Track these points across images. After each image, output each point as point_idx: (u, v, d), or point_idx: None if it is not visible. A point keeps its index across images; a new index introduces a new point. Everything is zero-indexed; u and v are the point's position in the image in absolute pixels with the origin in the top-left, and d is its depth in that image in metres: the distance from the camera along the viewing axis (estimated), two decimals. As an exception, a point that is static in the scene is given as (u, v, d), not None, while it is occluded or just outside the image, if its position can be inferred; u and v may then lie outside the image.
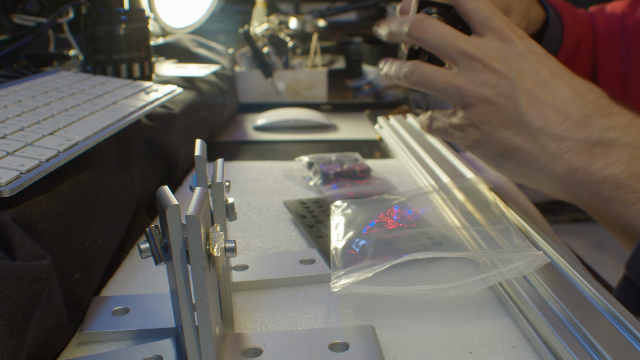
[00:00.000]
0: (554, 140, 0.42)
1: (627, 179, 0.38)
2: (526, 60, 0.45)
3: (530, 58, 0.45)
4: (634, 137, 0.39)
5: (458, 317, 0.39)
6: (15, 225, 0.33)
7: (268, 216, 0.57)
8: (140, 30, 0.71)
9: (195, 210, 0.27)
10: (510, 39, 0.46)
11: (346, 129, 0.93)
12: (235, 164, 0.73)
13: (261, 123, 0.91)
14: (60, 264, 0.35)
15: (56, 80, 0.60)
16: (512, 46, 0.45)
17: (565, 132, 0.41)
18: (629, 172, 0.38)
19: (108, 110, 0.51)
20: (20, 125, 0.44)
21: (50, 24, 0.72)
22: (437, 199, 0.54)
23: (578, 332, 0.33)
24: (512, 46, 0.45)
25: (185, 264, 0.28)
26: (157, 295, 0.41)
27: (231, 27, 1.26)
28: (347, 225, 0.49)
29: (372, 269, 0.39)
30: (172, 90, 0.62)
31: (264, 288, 0.43)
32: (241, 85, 1.02)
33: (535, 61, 0.45)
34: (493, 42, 0.46)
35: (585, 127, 0.40)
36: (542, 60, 0.45)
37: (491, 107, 0.45)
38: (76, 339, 0.37)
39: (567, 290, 0.37)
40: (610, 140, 0.39)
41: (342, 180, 0.63)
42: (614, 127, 0.40)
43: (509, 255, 0.39)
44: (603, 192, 0.39)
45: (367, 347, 0.34)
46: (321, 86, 1.04)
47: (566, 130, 0.41)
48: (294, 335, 0.35)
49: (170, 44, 0.94)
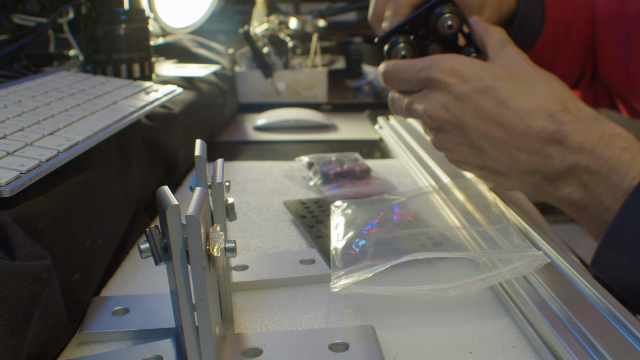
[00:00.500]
0: (528, 174, 0.45)
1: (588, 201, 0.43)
2: (465, 101, 0.45)
3: (468, 97, 0.45)
4: (588, 160, 0.42)
5: (458, 317, 0.39)
6: (15, 225, 0.33)
7: (268, 216, 0.57)
8: (140, 30, 0.71)
9: (195, 210, 0.27)
10: (441, 81, 0.46)
11: (346, 129, 0.93)
12: (235, 164, 0.73)
13: (261, 123, 0.91)
14: (60, 264, 0.35)
15: (56, 80, 0.60)
16: (446, 90, 0.46)
17: (533, 165, 0.44)
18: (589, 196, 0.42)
19: (108, 110, 0.51)
20: (20, 125, 0.44)
21: (50, 24, 0.72)
22: (437, 199, 0.54)
23: (578, 332, 0.33)
24: (446, 90, 0.46)
25: (185, 264, 0.28)
26: (157, 295, 0.41)
27: (231, 27, 1.26)
28: (347, 226, 0.49)
29: (372, 269, 0.39)
30: (172, 90, 0.63)
31: (264, 288, 0.43)
32: (241, 85, 1.02)
33: (475, 98, 0.45)
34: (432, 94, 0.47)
35: (549, 157, 0.43)
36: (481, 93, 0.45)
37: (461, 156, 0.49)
38: (76, 339, 0.37)
39: (567, 290, 0.37)
40: (569, 167, 0.42)
41: (342, 180, 0.63)
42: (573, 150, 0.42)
43: (509, 255, 0.39)
44: (572, 213, 0.45)
45: (367, 347, 0.34)
46: (321, 86, 1.04)
47: (533, 163, 0.44)
48: (294, 335, 0.35)
49: (170, 44, 0.94)
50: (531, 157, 0.44)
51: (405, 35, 0.52)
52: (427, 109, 0.47)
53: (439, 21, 0.50)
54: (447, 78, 0.46)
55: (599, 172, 0.41)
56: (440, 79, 0.46)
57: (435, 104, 0.47)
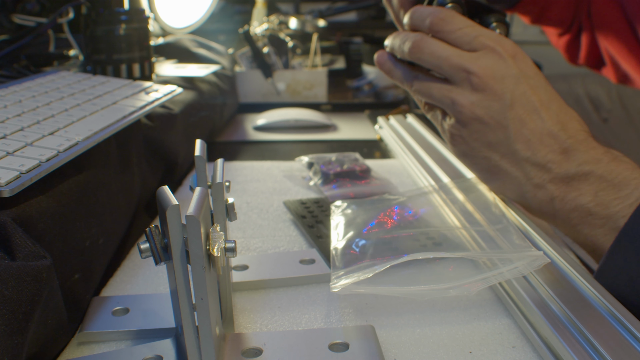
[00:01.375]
0: (538, 170, 0.45)
1: (594, 207, 0.43)
2: (519, 84, 0.46)
3: (522, 82, 0.46)
4: (603, 170, 0.43)
5: (458, 317, 0.39)
6: (15, 225, 0.33)
7: (268, 216, 0.57)
8: (140, 30, 0.71)
9: (195, 210, 0.27)
10: (504, 57, 0.46)
11: (346, 129, 0.93)
12: (235, 164, 0.73)
13: (261, 123, 0.91)
14: (60, 264, 0.35)
15: (56, 80, 0.60)
16: (506, 66, 0.46)
17: (549, 164, 0.44)
18: (596, 201, 0.43)
19: (108, 110, 0.51)
20: (20, 125, 0.44)
21: (50, 24, 0.72)
22: (437, 199, 0.54)
23: (578, 332, 0.33)
24: (507, 66, 0.46)
25: (185, 264, 0.28)
26: (157, 295, 0.41)
27: (231, 27, 1.26)
28: (347, 225, 0.49)
29: (372, 269, 0.39)
30: (172, 90, 0.63)
31: (264, 288, 0.43)
32: (241, 85, 1.02)
33: (527, 86, 0.46)
34: (488, 58, 0.46)
35: (566, 160, 0.44)
36: (533, 86, 0.46)
37: (482, 127, 0.47)
38: (76, 339, 0.37)
39: (567, 290, 0.37)
40: (584, 173, 0.43)
41: (342, 180, 0.63)
42: (589, 162, 0.44)
43: (509, 255, 0.39)
44: (574, 218, 0.44)
45: (367, 347, 0.34)
46: (321, 86, 1.04)
47: (550, 162, 0.44)
48: (294, 335, 0.35)
49: (170, 44, 0.94)
50: (551, 155, 0.44)
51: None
52: (482, 69, 0.46)
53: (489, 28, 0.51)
54: (510, 59, 0.46)
55: (611, 182, 0.42)
56: (504, 55, 0.46)
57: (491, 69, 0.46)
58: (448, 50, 0.48)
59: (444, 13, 0.48)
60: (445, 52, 0.47)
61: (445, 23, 0.48)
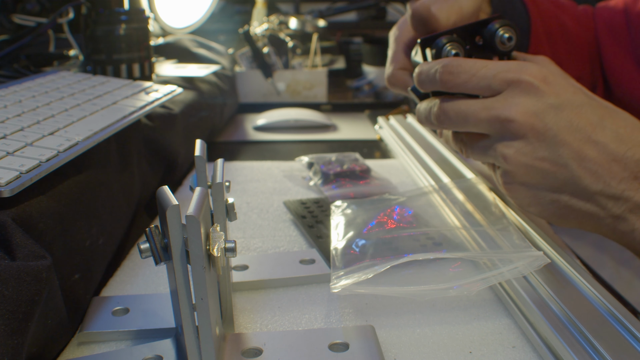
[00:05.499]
0: (615, 201, 0.40)
1: None
2: (560, 113, 0.40)
3: (564, 109, 0.40)
4: None
5: (458, 317, 0.39)
6: (15, 225, 0.33)
7: (268, 216, 0.57)
8: (140, 30, 0.71)
9: (195, 211, 0.27)
10: (534, 86, 0.41)
11: (346, 129, 0.93)
12: (235, 164, 0.73)
13: (261, 123, 0.91)
14: (60, 264, 0.35)
15: (56, 80, 0.60)
16: (538, 97, 0.41)
17: (625, 192, 0.40)
18: None
19: (108, 110, 0.51)
20: (20, 125, 0.44)
21: (50, 24, 0.72)
22: (437, 199, 0.54)
23: (578, 332, 0.33)
24: (539, 97, 0.41)
25: (185, 264, 0.28)
26: (157, 295, 0.41)
27: (231, 27, 1.26)
28: (347, 225, 0.49)
29: (373, 269, 0.39)
30: (172, 90, 0.63)
31: (264, 288, 0.43)
32: (241, 85, 1.02)
33: (570, 112, 0.40)
34: (516, 96, 0.41)
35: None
36: (577, 107, 0.41)
37: (537, 173, 0.42)
38: (76, 339, 0.37)
39: (567, 290, 0.37)
40: None
41: (342, 180, 0.63)
42: None
43: (509, 255, 0.39)
44: None
45: (367, 347, 0.34)
46: (321, 86, 1.04)
47: (626, 190, 0.40)
48: (294, 335, 0.35)
49: (170, 44, 0.94)
50: (624, 185, 0.40)
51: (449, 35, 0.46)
52: (514, 112, 0.41)
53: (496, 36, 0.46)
54: (541, 85, 0.41)
55: None
56: (534, 84, 0.41)
57: (524, 108, 0.41)
58: (472, 105, 0.43)
59: (448, 66, 0.43)
60: (470, 108, 0.43)
61: (455, 76, 0.43)
